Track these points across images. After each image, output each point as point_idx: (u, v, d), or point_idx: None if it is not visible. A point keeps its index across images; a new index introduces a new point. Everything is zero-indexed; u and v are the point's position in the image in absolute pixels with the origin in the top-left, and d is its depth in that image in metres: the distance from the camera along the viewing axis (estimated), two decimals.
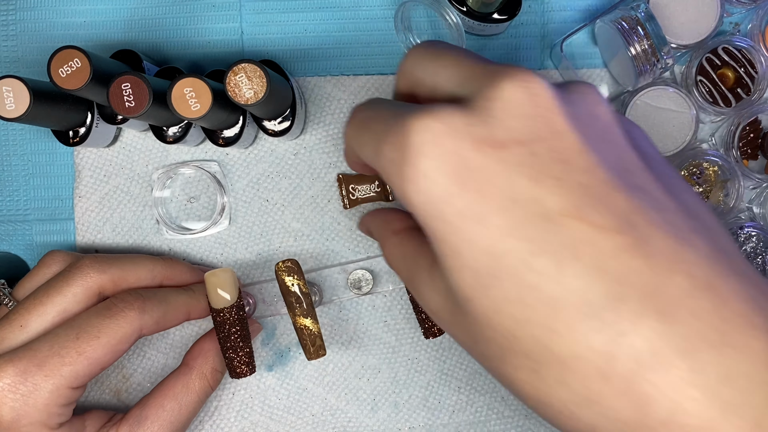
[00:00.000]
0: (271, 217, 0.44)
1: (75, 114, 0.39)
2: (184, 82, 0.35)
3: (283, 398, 0.44)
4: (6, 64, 0.44)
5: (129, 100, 0.35)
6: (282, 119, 0.41)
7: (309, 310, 0.38)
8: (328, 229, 0.43)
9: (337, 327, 0.44)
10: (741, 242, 0.41)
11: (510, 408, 0.43)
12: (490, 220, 0.22)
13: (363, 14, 0.43)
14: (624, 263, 0.21)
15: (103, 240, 0.44)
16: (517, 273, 0.22)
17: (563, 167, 0.22)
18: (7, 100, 0.35)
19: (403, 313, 0.43)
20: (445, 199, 0.23)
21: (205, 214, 0.44)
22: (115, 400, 0.44)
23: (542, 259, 0.22)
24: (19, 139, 0.44)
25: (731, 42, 0.41)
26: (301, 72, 0.43)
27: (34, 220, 0.44)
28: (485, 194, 0.22)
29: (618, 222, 0.22)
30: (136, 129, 0.43)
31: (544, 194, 0.22)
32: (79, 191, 0.44)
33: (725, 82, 0.41)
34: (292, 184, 0.43)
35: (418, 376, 0.44)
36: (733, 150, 0.41)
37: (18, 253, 0.44)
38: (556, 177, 0.22)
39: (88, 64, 0.35)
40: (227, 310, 0.38)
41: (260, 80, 0.34)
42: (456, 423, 0.44)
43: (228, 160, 0.44)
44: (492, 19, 0.39)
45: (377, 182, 0.43)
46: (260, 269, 0.44)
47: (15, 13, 0.44)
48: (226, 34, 0.43)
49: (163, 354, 0.44)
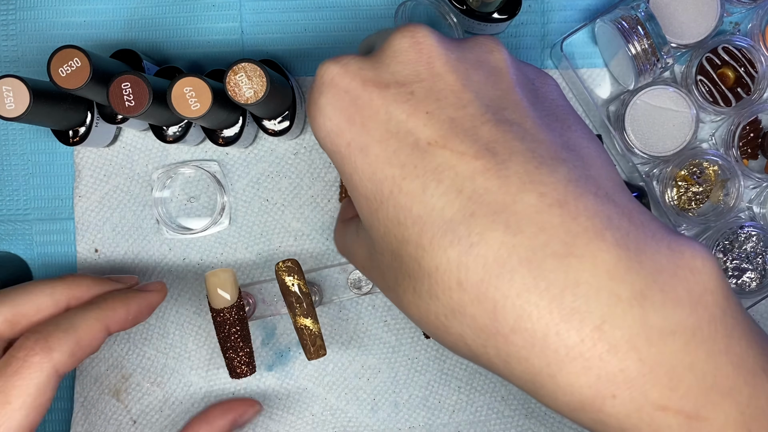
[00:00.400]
0: (271, 216, 0.44)
1: (75, 114, 0.39)
2: (184, 82, 0.35)
3: (283, 398, 0.44)
4: (6, 64, 0.44)
5: (129, 100, 0.35)
6: (282, 119, 0.41)
7: (309, 310, 0.38)
8: (328, 228, 0.43)
9: (337, 327, 0.44)
10: (741, 242, 0.41)
11: (510, 408, 0.43)
12: (371, 150, 0.25)
13: (363, 14, 0.43)
14: (478, 184, 0.24)
15: (103, 240, 0.44)
16: (392, 196, 0.25)
17: (437, 104, 0.25)
18: (7, 100, 0.35)
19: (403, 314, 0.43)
20: (337, 132, 0.26)
21: (205, 213, 0.44)
22: (115, 400, 0.44)
23: (411, 182, 0.24)
24: (19, 139, 0.44)
25: (731, 41, 0.41)
26: (301, 72, 0.43)
27: (34, 219, 0.44)
28: (368, 128, 0.26)
29: (477, 149, 0.24)
30: (136, 129, 0.43)
31: (417, 126, 0.25)
32: (79, 191, 0.44)
33: (725, 82, 0.41)
34: (292, 183, 0.43)
35: (418, 376, 0.44)
36: (733, 149, 0.41)
37: (18, 253, 0.44)
38: (428, 112, 0.25)
39: (88, 63, 0.35)
40: (227, 310, 0.38)
41: (260, 80, 0.34)
42: (456, 423, 0.44)
43: (228, 159, 0.44)
44: (492, 19, 0.39)
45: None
46: (260, 269, 0.44)
47: (15, 13, 0.44)
48: (226, 34, 0.43)
49: (163, 354, 0.44)
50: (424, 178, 0.24)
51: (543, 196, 0.23)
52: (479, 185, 0.24)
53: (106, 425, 0.44)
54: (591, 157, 0.26)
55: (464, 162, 0.24)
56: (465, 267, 0.23)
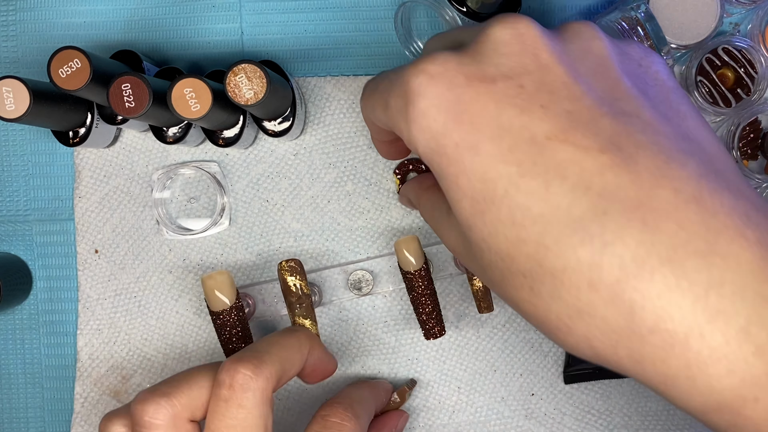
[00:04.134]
0: (271, 217, 0.44)
1: (75, 114, 0.39)
2: (184, 83, 0.35)
3: (283, 399, 0.44)
4: (6, 64, 0.44)
5: (129, 101, 0.35)
6: (282, 119, 0.41)
7: (309, 311, 0.38)
8: (328, 229, 0.43)
9: (337, 328, 0.44)
10: None
11: (510, 408, 0.43)
12: (482, 149, 0.24)
13: (363, 14, 0.43)
14: (608, 180, 0.22)
15: (103, 240, 0.44)
16: (508, 195, 0.23)
17: (550, 97, 0.24)
18: (7, 101, 0.35)
19: (403, 314, 0.43)
20: (442, 133, 0.24)
21: (205, 214, 0.44)
22: (115, 401, 0.44)
23: (530, 180, 0.23)
24: (19, 139, 0.44)
25: (731, 42, 0.41)
26: (301, 72, 0.43)
27: (34, 220, 0.44)
28: (477, 126, 0.24)
29: (602, 143, 0.23)
30: (136, 129, 0.43)
31: (532, 121, 0.23)
32: (79, 191, 0.44)
33: (725, 83, 0.41)
34: (292, 184, 0.43)
35: (418, 377, 0.44)
36: (733, 150, 0.41)
37: (18, 253, 0.44)
38: (542, 105, 0.24)
39: (88, 64, 0.35)
40: (227, 312, 0.38)
41: (260, 80, 0.34)
42: (456, 423, 0.44)
43: (228, 160, 0.44)
44: None
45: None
46: (260, 270, 0.44)
47: (15, 14, 0.44)
48: (226, 35, 0.43)
49: (163, 354, 0.44)
50: (546, 176, 0.23)
51: (678, 192, 0.22)
52: (609, 181, 0.22)
53: None
54: (713, 149, 0.25)
55: (590, 157, 0.23)
56: (598, 267, 0.22)
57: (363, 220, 0.43)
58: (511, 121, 0.24)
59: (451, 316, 0.43)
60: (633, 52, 0.27)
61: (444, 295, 0.43)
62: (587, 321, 0.23)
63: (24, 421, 0.45)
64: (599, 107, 0.24)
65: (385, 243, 0.43)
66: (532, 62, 0.24)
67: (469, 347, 0.43)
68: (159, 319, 0.44)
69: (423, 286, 0.39)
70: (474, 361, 0.43)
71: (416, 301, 0.39)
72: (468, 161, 0.24)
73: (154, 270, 0.44)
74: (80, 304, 0.44)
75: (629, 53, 0.27)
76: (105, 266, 0.44)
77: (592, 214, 0.22)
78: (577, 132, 0.23)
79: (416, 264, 0.38)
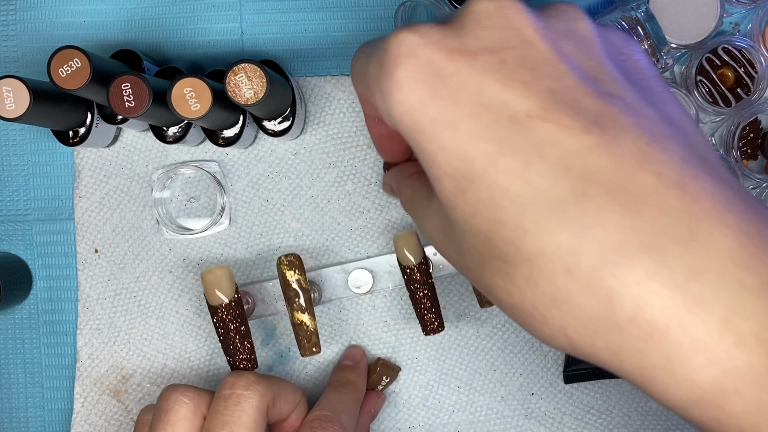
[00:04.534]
0: (271, 217, 0.44)
1: (75, 114, 0.39)
2: (184, 82, 0.35)
3: None
4: (6, 64, 0.44)
5: (129, 100, 0.35)
6: (282, 119, 0.41)
7: (307, 306, 0.38)
8: (328, 229, 0.43)
9: (337, 326, 0.44)
10: None
11: (509, 408, 0.43)
12: (461, 125, 0.23)
13: (363, 14, 0.43)
14: (589, 161, 0.21)
15: (103, 240, 0.44)
16: (487, 174, 0.22)
17: (532, 73, 0.23)
18: (7, 100, 0.35)
19: (402, 313, 0.43)
20: (419, 108, 0.23)
21: (205, 214, 0.44)
22: (115, 401, 0.44)
23: (510, 159, 0.22)
24: (19, 139, 0.44)
25: (731, 42, 0.41)
26: (301, 72, 0.43)
27: (34, 220, 0.44)
28: (457, 101, 0.23)
29: (584, 123, 0.22)
30: (136, 129, 0.43)
31: (513, 98, 0.22)
32: (79, 191, 0.44)
33: (725, 82, 0.41)
34: (292, 184, 0.43)
35: (418, 376, 0.44)
36: (733, 150, 0.41)
37: (18, 253, 0.44)
38: (524, 82, 0.23)
39: (88, 64, 0.35)
40: (226, 306, 0.38)
41: (260, 80, 0.34)
42: (456, 423, 0.44)
43: (228, 160, 0.44)
44: None
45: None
46: (260, 269, 0.44)
47: (15, 13, 0.44)
48: (226, 34, 0.43)
49: (163, 354, 0.44)
50: (525, 154, 0.22)
51: (660, 176, 0.21)
52: (591, 162, 0.21)
53: (106, 426, 0.44)
54: (694, 134, 0.24)
55: (572, 137, 0.22)
56: (576, 252, 0.21)
57: (363, 220, 0.43)
58: (491, 97, 0.23)
59: (451, 316, 0.43)
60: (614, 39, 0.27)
61: (444, 295, 0.43)
62: (563, 309, 0.22)
63: (24, 421, 0.45)
64: (582, 86, 0.23)
65: (385, 242, 0.43)
66: (515, 37, 0.24)
67: (469, 346, 0.43)
68: (159, 318, 0.44)
69: (421, 282, 0.39)
70: (474, 361, 0.44)
71: (415, 296, 0.39)
72: (446, 138, 0.23)
73: (154, 270, 0.44)
74: (80, 303, 0.44)
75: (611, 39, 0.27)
76: (105, 266, 0.44)
77: (571, 196, 0.21)
78: (559, 111, 0.22)
79: (415, 259, 0.38)
